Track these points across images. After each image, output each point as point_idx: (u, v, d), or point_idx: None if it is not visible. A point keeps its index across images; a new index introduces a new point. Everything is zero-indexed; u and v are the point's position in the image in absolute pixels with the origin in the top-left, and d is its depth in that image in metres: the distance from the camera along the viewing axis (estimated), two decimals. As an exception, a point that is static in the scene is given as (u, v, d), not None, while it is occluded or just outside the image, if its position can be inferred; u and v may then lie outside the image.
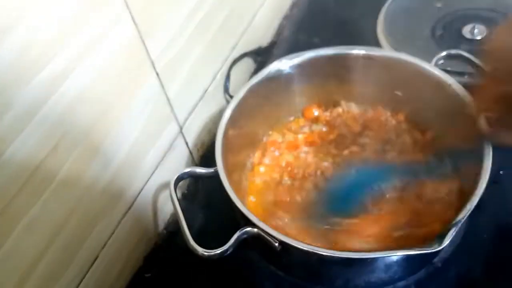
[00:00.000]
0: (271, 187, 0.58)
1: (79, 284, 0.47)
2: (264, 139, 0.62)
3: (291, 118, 0.64)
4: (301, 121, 0.64)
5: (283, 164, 0.59)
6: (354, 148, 0.59)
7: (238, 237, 0.45)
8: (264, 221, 0.45)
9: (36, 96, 0.37)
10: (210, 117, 0.65)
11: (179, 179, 0.51)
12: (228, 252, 0.44)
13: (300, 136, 0.62)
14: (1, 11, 0.33)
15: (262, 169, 0.59)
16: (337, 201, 0.55)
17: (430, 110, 0.57)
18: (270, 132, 0.63)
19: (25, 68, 0.36)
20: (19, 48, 0.35)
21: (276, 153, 0.61)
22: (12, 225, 0.38)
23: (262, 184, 0.58)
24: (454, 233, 0.42)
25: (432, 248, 0.41)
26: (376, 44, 0.72)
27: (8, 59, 0.34)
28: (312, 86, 0.62)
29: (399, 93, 0.60)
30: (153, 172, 0.55)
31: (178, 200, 0.50)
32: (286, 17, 0.86)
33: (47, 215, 0.41)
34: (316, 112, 0.64)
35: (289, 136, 0.62)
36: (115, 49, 0.44)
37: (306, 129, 0.63)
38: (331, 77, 0.61)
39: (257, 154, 0.61)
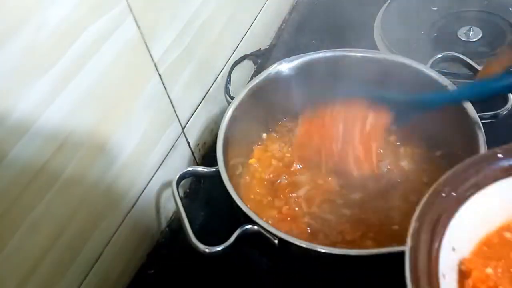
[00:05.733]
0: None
1: (83, 281, 0.47)
2: (264, 139, 0.63)
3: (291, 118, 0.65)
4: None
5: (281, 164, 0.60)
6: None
7: (239, 234, 0.45)
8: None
9: (40, 97, 0.38)
10: (211, 118, 0.65)
11: (181, 178, 0.52)
12: (229, 249, 0.45)
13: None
14: (5, 13, 0.34)
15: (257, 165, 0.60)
16: None
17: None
18: (270, 132, 0.63)
19: (29, 70, 0.36)
20: (23, 50, 0.35)
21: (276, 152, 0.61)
22: (16, 224, 0.38)
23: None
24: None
25: None
26: (373, 46, 0.73)
27: (13, 61, 0.35)
28: (310, 87, 0.63)
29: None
30: (156, 171, 0.55)
31: (180, 198, 0.50)
32: (285, 21, 0.87)
33: (51, 214, 0.41)
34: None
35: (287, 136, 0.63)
36: (118, 51, 0.45)
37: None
38: (329, 79, 0.62)
39: (257, 154, 0.61)
